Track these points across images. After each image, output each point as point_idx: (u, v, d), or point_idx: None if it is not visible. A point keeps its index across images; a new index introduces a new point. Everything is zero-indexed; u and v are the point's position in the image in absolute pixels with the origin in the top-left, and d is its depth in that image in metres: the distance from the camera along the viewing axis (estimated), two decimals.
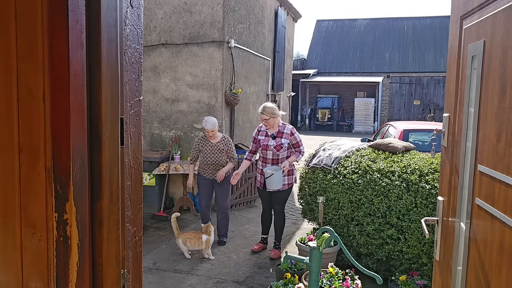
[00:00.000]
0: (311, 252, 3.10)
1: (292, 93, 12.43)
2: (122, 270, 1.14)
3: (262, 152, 4.88)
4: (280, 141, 4.76)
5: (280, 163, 4.79)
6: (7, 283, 1.01)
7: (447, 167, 1.74)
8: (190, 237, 4.85)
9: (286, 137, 4.79)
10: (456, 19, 1.66)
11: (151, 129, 7.15)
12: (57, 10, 0.93)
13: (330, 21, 28.75)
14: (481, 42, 1.35)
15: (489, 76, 1.29)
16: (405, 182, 4.00)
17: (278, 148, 4.76)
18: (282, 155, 4.79)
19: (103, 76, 1.03)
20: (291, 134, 4.81)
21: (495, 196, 1.21)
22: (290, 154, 4.85)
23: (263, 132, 4.91)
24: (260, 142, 4.87)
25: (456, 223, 1.56)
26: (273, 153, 4.79)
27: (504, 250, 1.13)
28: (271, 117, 4.73)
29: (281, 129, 4.83)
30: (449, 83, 1.75)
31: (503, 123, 1.16)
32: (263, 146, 4.84)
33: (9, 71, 0.96)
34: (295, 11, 11.48)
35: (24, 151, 0.98)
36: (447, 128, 1.74)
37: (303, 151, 4.90)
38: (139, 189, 1.22)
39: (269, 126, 4.80)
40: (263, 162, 4.89)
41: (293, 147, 4.83)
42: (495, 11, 1.26)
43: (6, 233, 1.00)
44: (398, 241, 3.98)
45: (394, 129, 7.62)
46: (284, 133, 4.81)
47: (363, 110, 23.16)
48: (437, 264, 1.84)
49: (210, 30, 6.73)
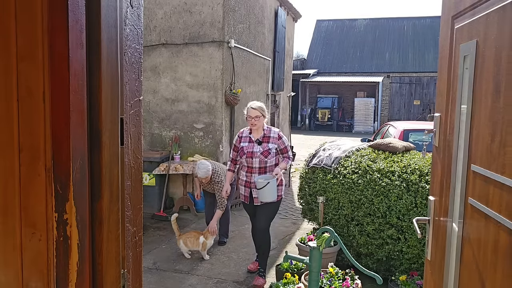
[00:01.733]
0: (311, 252, 3.10)
1: (292, 93, 12.43)
2: (122, 270, 1.14)
3: (247, 161, 4.17)
4: (268, 146, 4.13)
5: (268, 172, 4.14)
6: (7, 283, 1.01)
7: (439, 167, 1.73)
8: (190, 236, 4.86)
9: (274, 142, 4.17)
10: (447, 19, 1.66)
11: (151, 129, 7.15)
12: (57, 10, 0.93)
13: (330, 21, 28.74)
14: (474, 42, 1.35)
15: (482, 76, 1.29)
16: (405, 182, 4.00)
17: (266, 154, 4.11)
18: (271, 162, 4.15)
19: (103, 76, 1.03)
20: (279, 138, 4.19)
21: (489, 196, 1.20)
22: (278, 161, 4.23)
23: (245, 138, 4.25)
24: (244, 149, 4.19)
25: (448, 223, 1.55)
26: (260, 161, 4.12)
27: (499, 250, 1.13)
28: (261, 116, 4.15)
29: (267, 133, 4.19)
30: (440, 83, 1.74)
31: (497, 123, 1.16)
32: (247, 154, 4.14)
33: (9, 71, 0.96)
34: (295, 11, 11.48)
35: (24, 151, 0.98)
36: (438, 128, 1.73)
37: (291, 156, 4.33)
38: (139, 189, 1.22)
39: (256, 127, 4.15)
40: (248, 172, 4.20)
41: (280, 153, 4.20)
42: (489, 11, 1.25)
43: (6, 233, 1.00)
44: (398, 241, 3.98)
45: (394, 129, 7.62)
46: (271, 137, 4.18)
47: (363, 110, 23.15)
48: (428, 264, 1.83)
49: (210, 30, 6.73)
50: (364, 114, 23.17)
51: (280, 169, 4.10)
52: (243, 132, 4.31)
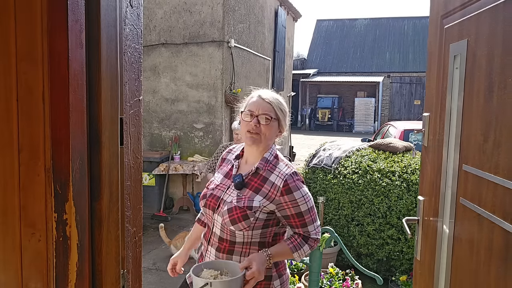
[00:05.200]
0: (311, 252, 3.10)
1: (292, 93, 12.43)
2: (122, 270, 1.14)
3: (206, 213, 1.88)
4: (249, 199, 1.74)
5: (241, 255, 1.76)
6: (7, 283, 1.01)
7: (428, 167, 1.72)
8: (178, 238, 4.84)
9: (270, 195, 1.73)
10: (436, 19, 1.65)
11: (150, 129, 7.15)
12: (56, 10, 0.93)
13: (330, 21, 28.74)
14: (464, 42, 1.34)
15: (473, 75, 1.28)
16: (406, 182, 4.00)
17: (236, 217, 1.71)
18: (247, 238, 1.75)
19: (102, 76, 1.03)
20: (284, 191, 1.71)
21: (482, 196, 1.19)
22: (278, 238, 1.84)
23: (227, 164, 1.98)
24: (210, 186, 1.92)
25: (438, 223, 1.54)
26: (223, 227, 1.77)
27: (493, 249, 1.12)
28: (275, 119, 1.81)
29: (265, 168, 1.79)
30: (429, 82, 1.72)
31: (490, 123, 1.15)
32: (208, 199, 1.86)
33: (8, 70, 0.96)
34: (295, 11, 11.47)
35: (24, 151, 0.97)
36: (427, 127, 1.72)
37: (315, 237, 1.79)
38: (138, 189, 1.22)
39: (257, 140, 1.78)
40: (205, 239, 1.90)
41: (289, 226, 1.79)
42: (480, 11, 1.24)
43: (5, 233, 1.00)
44: (399, 241, 3.98)
45: (395, 129, 7.62)
46: (268, 180, 1.76)
47: (364, 110, 23.14)
48: (418, 263, 1.83)
49: (210, 30, 6.73)
50: (365, 114, 23.16)
51: (264, 262, 1.67)
52: (234, 149, 2.02)
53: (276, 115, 1.81)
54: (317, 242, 1.80)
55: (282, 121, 1.84)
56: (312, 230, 1.77)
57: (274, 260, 1.74)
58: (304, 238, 1.77)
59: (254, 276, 1.61)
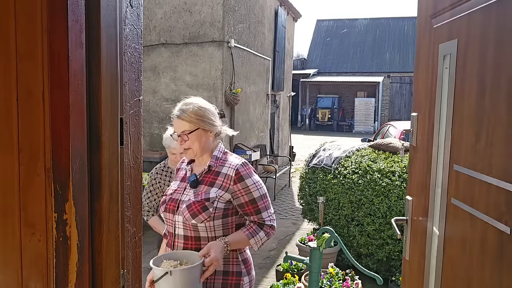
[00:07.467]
0: (311, 252, 3.10)
1: (292, 93, 12.43)
2: (122, 270, 1.14)
3: (166, 218, 1.98)
4: (208, 193, 1.89)
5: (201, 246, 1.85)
6: (7, 283, 1.01)
7: (416, 167, 1.72)
8: None
9: (225, 185, 1.89)
10: (425, 19, 1.64)
11: (150, 129, 7.15)
12: (56, 10, 0.93)
13: (330, 21, 28.74)
14: (455, 42, 1.33)
15: (464, 75, 1.27)
16: (406, 182, 4.00)
17: (197, 210, 1.85)
18: (210, 231, 1.87)
19: (102, 76, 1.03)
20: (237, 179, 1.88)
21: (475, 196, 1.18)
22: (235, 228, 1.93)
23: (181, 173, 2.12)
24: (168, 193, 2.03)
25: (428, 223, 1.53)
26: (184, 224, 1.89)
27: (486, 249, 1.12)
28: (196, 130, 1.92)
29: (216, 164, 1.95)
30: (417, 83, 1.72)
31: (483, 123, 1.14)
32: (168, 203, 1.97)
33: (8, 71, 0.96)
34: (295, 11, 11.47)
35: (24, 151, 0.97)
36: (416, 127, 1.71)
37: (270, 223, 1.93)
38: (138, 189, 1.22)
39: (190, 153, 1.96)
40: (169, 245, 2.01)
41: (243, 213, 1.92)
42: (471, 10, 1.23)
43: (5, 233, 1.00)
44: (399, 241, 3.98)
45: (395, 129, 7.62)
46: (221, 173, 1.92)
47: (364, 110, 23.15)
48: (406, 263, 1.82)
49: (210, 30, 6.73)
50: (365, 114, 23.17)
51: (221, 249, 1.78)
52: (184, 160, 2.15)
53: (191, 127, 1.90)
54: (272, 229, 1.94)
55: (204, 125, 1.93)
56: (266, 216, 1.92)
57: (232, 247, 1.84)
58: (260, 225, 1.91)
59: (213, 263, 1.70)
